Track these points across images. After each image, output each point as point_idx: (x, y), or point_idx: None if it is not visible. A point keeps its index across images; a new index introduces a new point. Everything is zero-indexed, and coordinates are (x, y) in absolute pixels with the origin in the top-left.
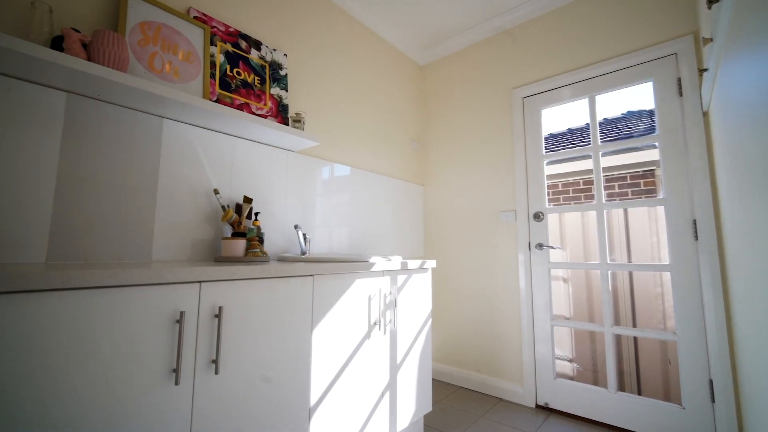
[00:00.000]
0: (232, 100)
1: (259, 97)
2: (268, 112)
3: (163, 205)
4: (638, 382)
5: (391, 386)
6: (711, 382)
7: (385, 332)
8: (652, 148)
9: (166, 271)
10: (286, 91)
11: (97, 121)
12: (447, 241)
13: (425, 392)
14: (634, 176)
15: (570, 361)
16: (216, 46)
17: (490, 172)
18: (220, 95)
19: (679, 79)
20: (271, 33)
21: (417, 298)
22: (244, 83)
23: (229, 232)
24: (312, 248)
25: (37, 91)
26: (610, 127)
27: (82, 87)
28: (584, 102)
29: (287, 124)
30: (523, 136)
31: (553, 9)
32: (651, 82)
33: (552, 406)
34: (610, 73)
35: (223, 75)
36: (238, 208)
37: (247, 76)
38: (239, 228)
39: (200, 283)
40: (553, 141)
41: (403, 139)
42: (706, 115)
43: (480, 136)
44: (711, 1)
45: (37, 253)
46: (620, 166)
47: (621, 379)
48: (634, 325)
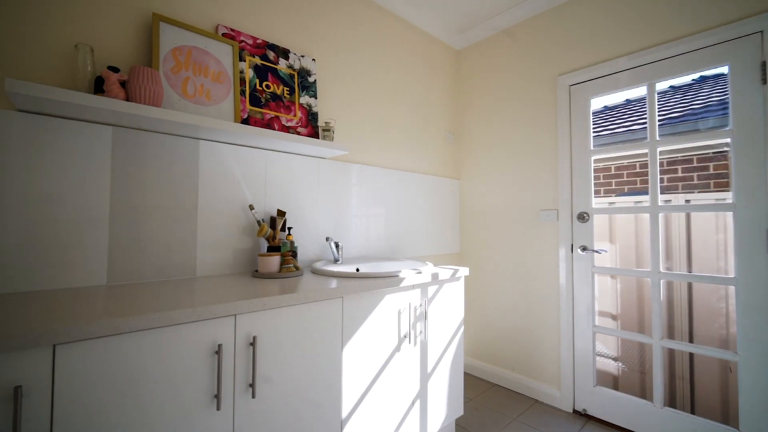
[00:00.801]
0: (263, 115)
1: (289, 109)
2: (298, 123)
3: (204, 222)
4: (692, 400)
5: (422, 395)
6: None
7: (415, 344)
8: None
9: (202, 309)
10: (316, 98)
11: (140, 148)
12: (483, 237)
13: (456, 396)
14: (702, 158)
15: (615, 360)
16: (245, 62)
17: (530, 166)
18: (250, 112)
19: (764, 63)
20: (299, 38)
21: (449, 308)
22: (274, 96)
23: (265, 244)
24: (347, 250)
25: (87, 127)
26: (677, 98)
27: (124, 121)
28: (642, 89)
29: (317, 133)
30: (569, 128)
31: None
32: (727, 67)
33: (590, 413)
34: (674, 57)
35: (253, 90)
36: (272, 222)
37: (276, 88)
38: (274, 242)
39: (235, 316)
40: (607, 116)
41: (438, 131)
42: None
43: (519, 127)
44: None
45: (98, 277)
46: (685, 148)
47: (672, 394)
48: (691, 339)
